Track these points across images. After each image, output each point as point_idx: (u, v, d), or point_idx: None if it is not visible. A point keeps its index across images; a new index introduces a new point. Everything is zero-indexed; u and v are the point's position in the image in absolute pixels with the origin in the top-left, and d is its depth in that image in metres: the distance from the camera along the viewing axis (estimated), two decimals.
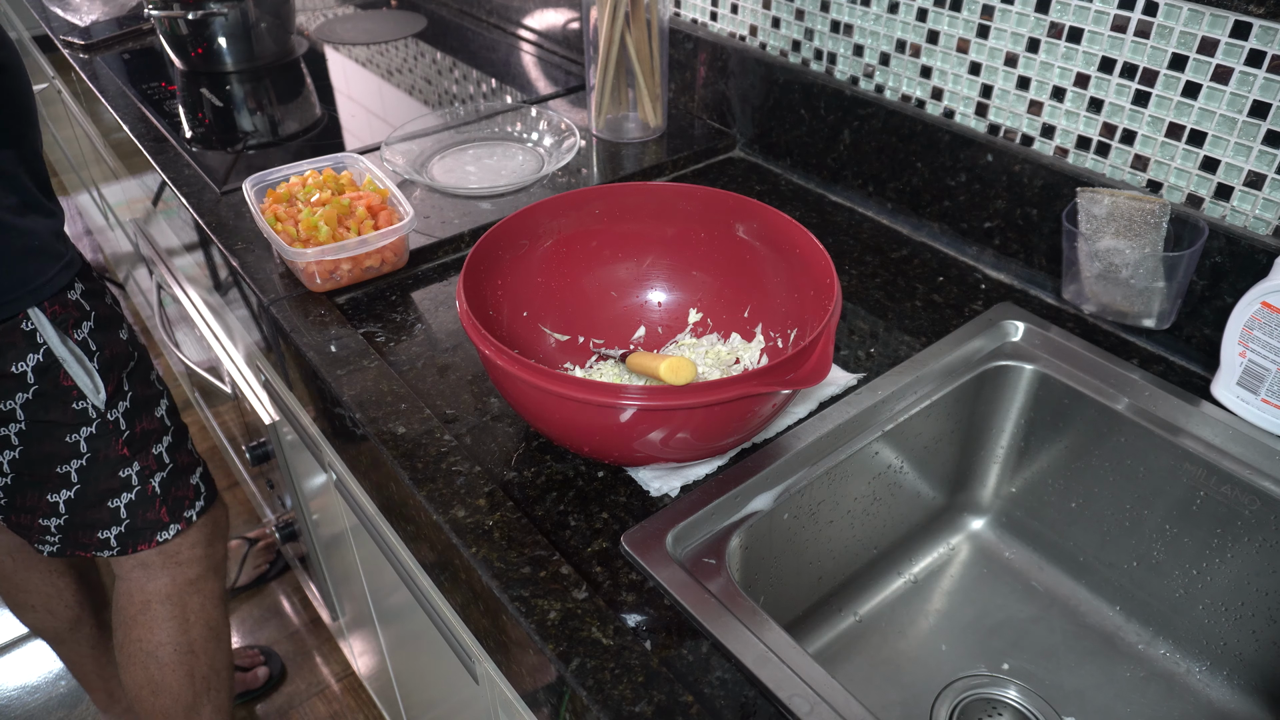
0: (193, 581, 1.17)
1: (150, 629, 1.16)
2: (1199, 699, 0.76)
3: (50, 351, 0.94)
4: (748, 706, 0.55)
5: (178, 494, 1.11)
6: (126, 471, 1.05)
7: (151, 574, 1.14)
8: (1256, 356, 0.70)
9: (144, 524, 1.09)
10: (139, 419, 1.05)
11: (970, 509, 0.90)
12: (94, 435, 1.01)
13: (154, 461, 1.08)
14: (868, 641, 0.82)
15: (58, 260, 0.95)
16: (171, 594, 1.16)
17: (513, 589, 0.61)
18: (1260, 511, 0.70)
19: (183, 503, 1.12)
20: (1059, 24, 0.81)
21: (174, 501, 1.11)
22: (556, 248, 0.81)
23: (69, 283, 0.96)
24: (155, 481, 1.08)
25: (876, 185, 1.01)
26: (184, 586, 1.17)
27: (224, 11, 1.35)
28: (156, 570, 1.14)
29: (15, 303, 0.91)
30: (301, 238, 0.88)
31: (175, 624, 1.17)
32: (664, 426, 0.61)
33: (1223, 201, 0.77)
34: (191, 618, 1.18)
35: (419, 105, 1.32)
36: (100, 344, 0.99)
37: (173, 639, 1.17)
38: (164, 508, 1.10)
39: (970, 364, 0.81)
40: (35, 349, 0.93)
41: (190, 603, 1.18)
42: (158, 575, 1.14)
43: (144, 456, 1.06)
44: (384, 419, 0.74)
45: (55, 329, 0.94)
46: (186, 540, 1.15)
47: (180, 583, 1.16)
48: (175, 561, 1.15)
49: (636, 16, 1.06)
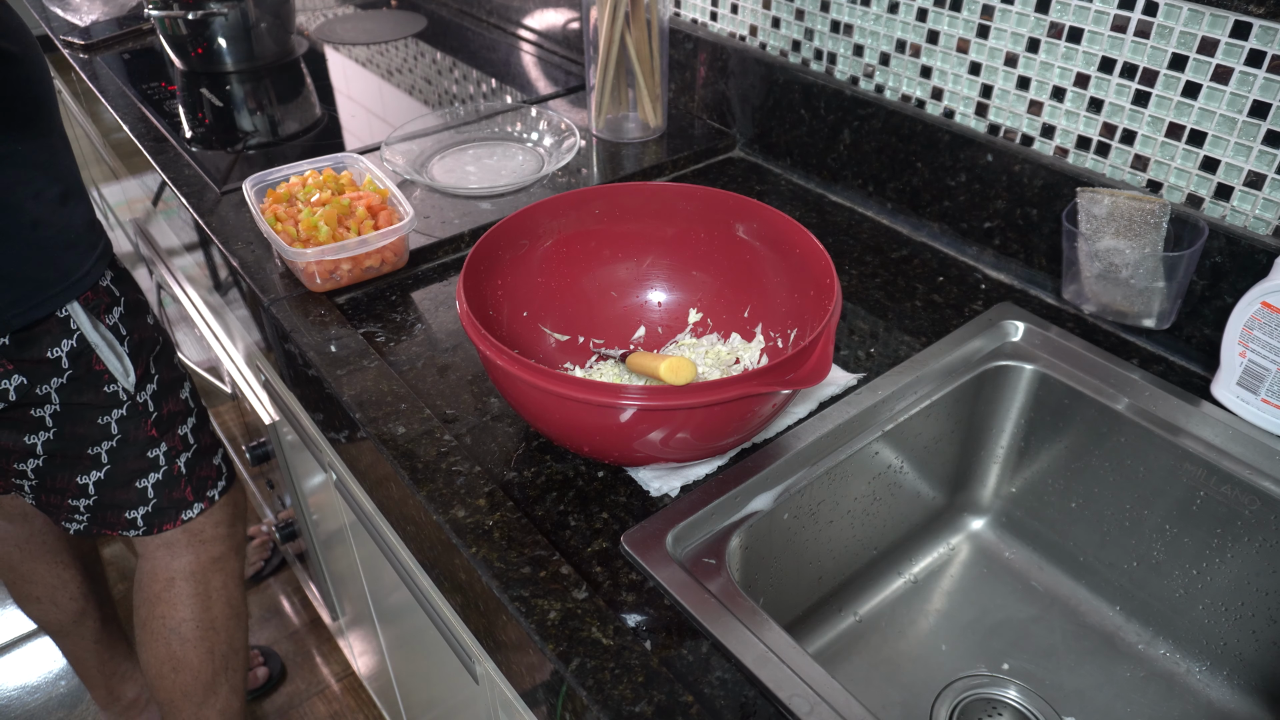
0: (216, 560, 1.19)
1: (174, 605, 1.18)
2: (1199, 699, 0.76)
3: (83, 337, 0.96)
4: (748, 706, 0.55)
5: (202, 474, 1.14)
6: (155, 452, 1.07)
7: (176, 553, 1.16)
8: (1256, 356, 0.70)
9: (169, 503, 1.11)
10: (165, 401, 1.07)
11: (970, 509, 0.90)
12: (124, 417, 1.03)
13: (180, 442, 1.10)
14: (868, 641, 0.82)
15: (93, 250, 0.96)
16: (195, 571, 1.17)
17: (513, 589, 0.61)
18: (1260, 511, 0.70)
19: (206, 482, 1.14)
20: (1059, 24, 0.81)
21: (198, 481, 1.13)
22: (556, 248, 0.81)
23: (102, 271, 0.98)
24: (181, 461, 1.10)
25: (876, 185, 1.01)
26: (207, 564, 1.18)
27: (224, 11, 1.35)
28: (181, 549, 1.16)
29: (56, 298, 0.92)
30: (301, 238, 0.88)
31: (198, 601, 1.18)
32: (664, 426, 0.61)
33: (1223, 201, 0.77)
34: (214, 595, 1.20)
35: (419, 105, 1.32)
36: (130, 329, 1.01)
37: (195, 615, 1.19)
38: (189, 487, 1.12)
39: (970, 364, 0.81)
40: (69, 335, 0.94)
41: (213, 580, 1.20)
42: (182, 554, 1.16)
43: (171, 437, 1.08)
44: (384, 419, 0.74)
45: (88, 315, 0.96)
46: (210, 519, 1.16)
47: (204, 560, 1.18)
48: (200, 540, 1.16)
49: (636, 16, 1.06)
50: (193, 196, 1.06)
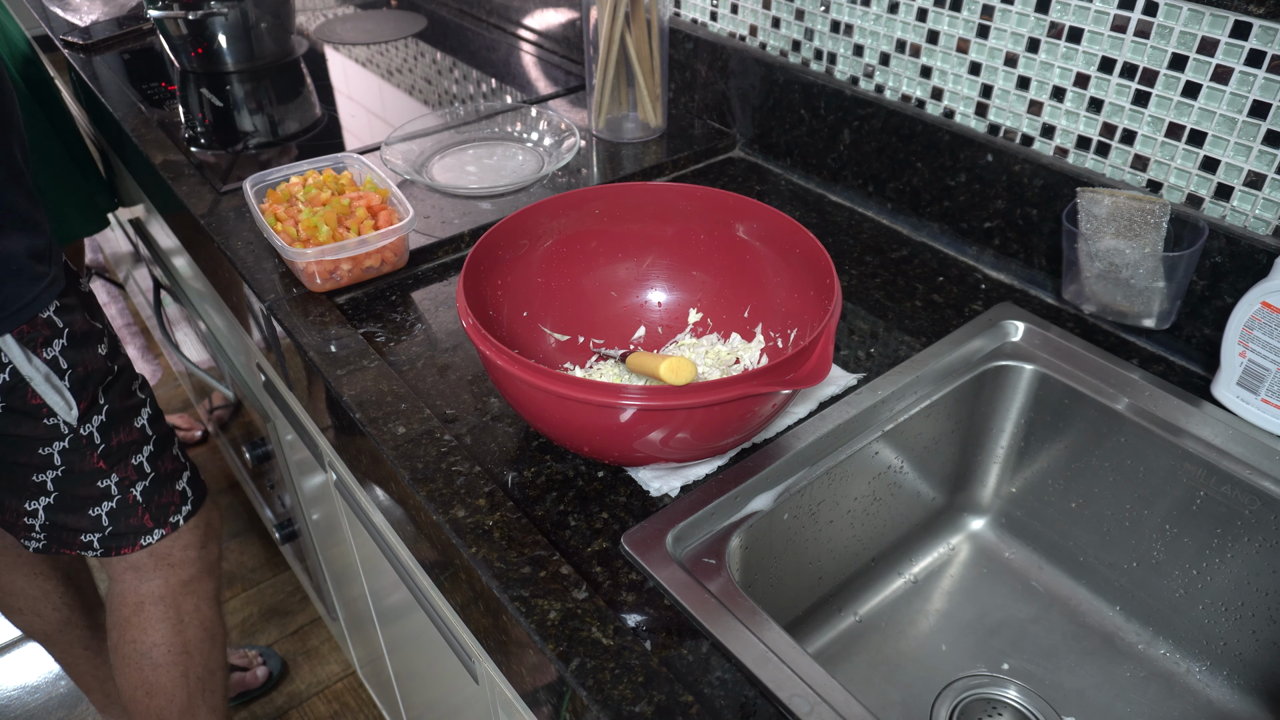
0: (186, 583, 1.17)
1: (144, 630, 1.16)
2: (1199, 699, 0.76)
3: (16, 371, 0.92)
4: (748, 706, 0.55)
5: (162, 500, 1.10)
6: (105, 482, 1.04)
7: (144, 576, 1.14)
8: (1256, 356, 0.70)
9: (127, 529, 1.08)
10: (115, 432, 1.03)
11: (970, 509, 0.90)
12: (67, 449, 0.99)
13: (134, 472, 1.06)
14: (868, 641, 0.82)
15: (36, 283, 0.92)
16: (164, 595, 1.15)
17: (513, 589, 0.61)
18: (1260, 511, 0.70)
19: (168, 508, 1.11)
20: (1059, 24, 0.81)
21: (158, 508, 1.10)
22: (556, 248, 0.81)
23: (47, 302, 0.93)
24: (136, 490, 1.07)
25: (876, 185, 1.01)
26: (177, 588, 1.16)
27: (224, 11, 1.34)
28: (149, 572, 1.14)
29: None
30: (301, 238, 0.88)
31: (169, 625, 1.17)
32: (664, 426, 0.61)
33: (1223, 201, 0.77)
34: (186, 619, 1.18)
35: (419, 105, 1.32)
36: (74, 361, 0.96)
37: (167, 640, 1.17)
38: (147, 514, 1.09)
39: (970, 364, 0.81)
40: (1, 368, 0.91)
41: (184, 604, 1.18)
42: (150, 577, 1.14)
43: (122, 468, 1.05)
44: (384, 419, 0.74)
45: (21, 348, 0.92)
46: (178, 542, 1.14)
47: (173, 584, 1.16)
48: (168, 563, 1.14)
49: (636, 16, 1.06)
50: (193, 196, 1.06)
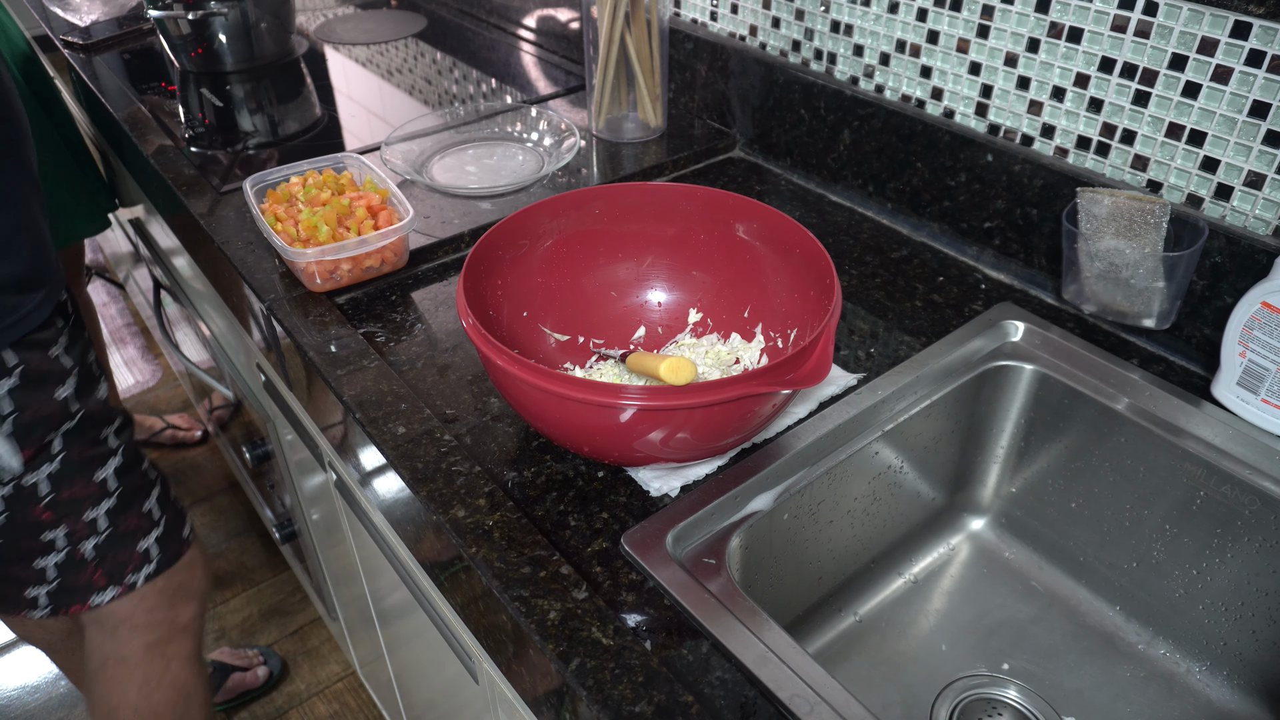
0: (152, 645, 1.09)
1: (109, 688, 1.09)
2: (1199, 699, 0.76)
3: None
4: (748, 706, 0.55)
5: (119, 558, 1.03)
6: (50, 535, 0.97)
7: (106, 633, 1.07)
8: (1256, 356, 0.70)
9: (76, 586, 1.01)
10: (68, 484, 0.96)
11: (970, 509, 0.90)
12: (11, 496, 0.93)
13: (85, 527, 0.99)
14: (868, 641, 0.82)
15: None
16: (128, 657, 1.08)
17: (513, 589, 0.61)
18: (1260, 511, 0.70)
19: (124, 567, 1.03)
20: (1059, 24, 0.81)
21: (113, 565, 1.02)
22: (556, 248, 0.81)
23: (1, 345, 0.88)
24: (86, 547, 1.00)
25: (876, 185, 1.01)
26: (141, 651, 1.08)
27: (224, 11, 1.35)
28: (110, 631, 1.06)
29: None
30: (301, 238, 0.88)
31: (135, 688, 1.09)
32: (664, 426, 0.61)
33: (1223, 201, 0.77)
34: (153, 681, 1.10)
35: (419, 105, 1.32)
36: (22, 404, 0.90)
37: (132, 702, 1.10)
38: (99, 571, 1.02)
39: (970, 364, 0.81)
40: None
41: (152, 667, 1.10)
42: (111, 636, 1.07)
43: (72, 521, 0.98)
44: (384, 419, 0.74)
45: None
46: (142, 604, 1.06)
47: (137, 646, 1.08)
48: (130, 625, 1.06)
49: (636, 16, 1.06)
50: (193, 196, 1.06)
